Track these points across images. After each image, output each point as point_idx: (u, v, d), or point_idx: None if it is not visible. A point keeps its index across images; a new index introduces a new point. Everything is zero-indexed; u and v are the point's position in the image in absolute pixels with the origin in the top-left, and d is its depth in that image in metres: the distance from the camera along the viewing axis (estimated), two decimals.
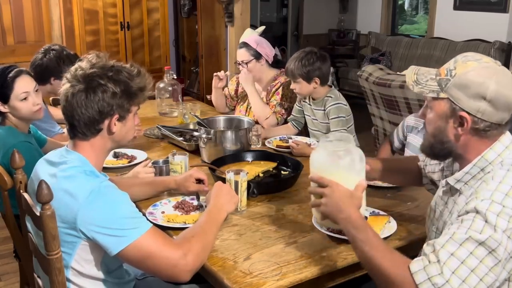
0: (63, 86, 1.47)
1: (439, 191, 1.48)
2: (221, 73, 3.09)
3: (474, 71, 1.27)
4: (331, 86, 2.71)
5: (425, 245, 1.26)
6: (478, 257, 1.17)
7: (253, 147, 2.50)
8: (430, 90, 1.34)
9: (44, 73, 2.66)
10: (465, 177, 1.35)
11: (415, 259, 1.24)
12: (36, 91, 2.15)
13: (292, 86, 2.67)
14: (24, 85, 2.10)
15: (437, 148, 1.39)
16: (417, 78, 1.38)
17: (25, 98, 2.09)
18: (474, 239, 1.17)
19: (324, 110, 2.66)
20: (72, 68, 1.48)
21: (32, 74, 2.21)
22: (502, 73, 1.28)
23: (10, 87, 2.07)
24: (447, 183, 1.40)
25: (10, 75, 2.08)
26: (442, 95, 1.32)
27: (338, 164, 1.44)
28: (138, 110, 1.57)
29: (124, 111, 1.49)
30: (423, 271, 1.19)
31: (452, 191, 1.40)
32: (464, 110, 1.29)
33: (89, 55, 1.50)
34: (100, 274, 1.46)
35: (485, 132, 1.29)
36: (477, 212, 1.20)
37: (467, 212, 1.23)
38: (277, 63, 3.13)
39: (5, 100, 2.08)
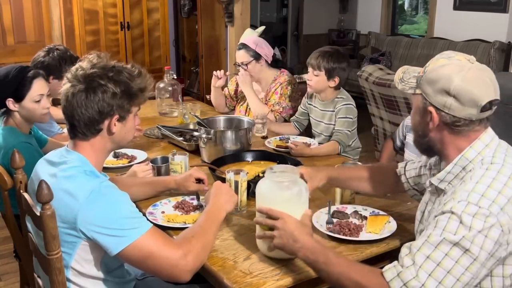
0: (64, 86, 1.47)
1: (427, 193, 1.49)
2: (219, 72, 3.09)
3: (443, 67, 1.31)
4: (339, 88, 2.71)
5: (402, 247, 1.27)
6: (454, 258, 1.18)
7: (257, 134, 2.52)
8: (410, 87, 1.40)
9: (44, 71, 2.66)
10: (448, 176, 1.36)
11: (387, 266, 1.25)
12: (48, 95, 2.18)
13: (309, 76, 2.63)
14: (40, 87, 2.13)
15: (420, 142, 1.43)
16: (402, 76, 1.45)
17: (38, 100, 2.11)
18: (448, 241, 1.18)
19: (334, 111, 2.65)
20: (73, 68, 1.48)
21: (46, 77, 2.23)
22: (472, 70, 1.29)
23: (28, 87, 2.09)
24: (431, 184, 1.41)
25: (29, 74, 2.10)
26: (417, 91, 1.37)
27: (286, 195, 1.47)
28: (138, 111, 1.57)
29: (124, 111, 1.49)
30: (397, 278, 1.21)
31: (438, 191, 1.40)
32: (432, 105, 1.32)
33: (90, 55, 1.50)
34: (101, 274, 1.46)
35: (457, 128, 1.31)
36: (452, 213, 1.21)
37: (443, 213, 1.24)
38: (276, 63, 3.14)
39: (20, 99, 2.09)
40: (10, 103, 2.09)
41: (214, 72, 3.11)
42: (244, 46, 3.00)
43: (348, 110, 2.60)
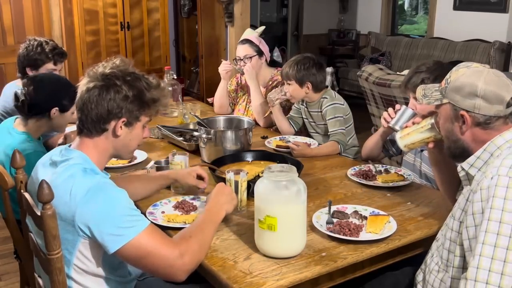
0: (82, 81, 1.50)
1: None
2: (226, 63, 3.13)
3: (465, 75, 1.46)
4: (327, 87, 2.72)
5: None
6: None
7: (272, 96, 2.66)
8: (435, 99, 1.53)
9: (21, 66, 2.78)
10: (477, 162, 1.43)
11: None
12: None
13: (285, 88, 2.69)
14: None
15: (453, 148, 1.51)
16: (424, 92, 1.57)
17: (73, 112, 2.18)
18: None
19: (321, 111, 2.66)
20: (95, 66, 1.51)
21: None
22: (490, 74, 1.44)
23: (74, 100, 2.21)
24: (462, 169, 1.48)
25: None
26: (444, 101, 1.50)
27: (284, 194, 1.48)
28: (148, 122, 1.58)
29: (133, 117, 1.50)
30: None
31: (469, 178, 1.46)
32: (463, 109, 1.44)
33: (115, 58, 1.53)
34: (102, 272, 1.47)
35: (488, 125, 1.43)
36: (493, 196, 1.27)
37: (482, 200, 1.30)
38: (273, 63, 3.18)
39: (65, 110, 2.17)
40: (55, 110, 2.15)
41: (224, 62, 3.14)
42: (248, 41, 3.04)
43: (334, 110, 2.61)
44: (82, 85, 1.49)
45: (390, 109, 2.14)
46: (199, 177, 1.90)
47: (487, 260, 1.23)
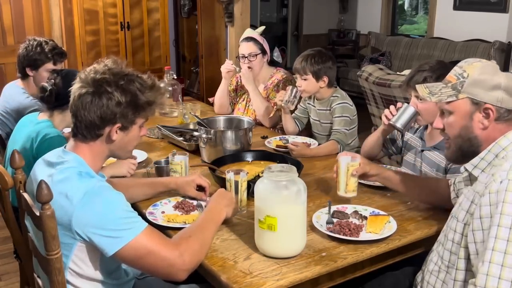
0: (74, 85, 1.47)
1: (461, 181, 1.56)
2: (229, 63, 3.10)
3: (482, 68, 1.43)
4: (336, 87, 2.72)
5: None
6: None
7: (279, 102, 2.64)
8: (448, 96, 1.45)
9: (21, 66, 2.77)
10: (481, 163, 1.42)
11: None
12: None
13: (298, 83, 2.66)
14: None
15: (465, 147, 1.46)
16: (430, 90, 1.51)
17: None
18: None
19: (329, 109, 2.65)
20: (87, 69, 1.47)
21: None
22: (498, 68, 1.44)
23: None
24: (465, 169, 1.46)
25: None
26: (460, 96, 1.44)
27: (284, 194, 1.48)
28: (145, 122, 1.56)
29: (128, 121, 1.48)
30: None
31: (471, 179, 1.45)
32: (486, 103, 1.40)
33: (107, 59, 1.49)
34: (99, 275, 1.46)
35: (505, 118, 1.41)
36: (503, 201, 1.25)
37: (490, 204, 1.28)
38: (272, 63, 3.19)
39: None
40: None
41: (228, 61, 3.11)
42: (252, 39, 3.05)
43: (343, 109, 2.60)
44: (75, 89, 1.46)
45: (392, 107, 2.13)
46: (200, 187, 1.87)
47: (497, 267, 1.21)
